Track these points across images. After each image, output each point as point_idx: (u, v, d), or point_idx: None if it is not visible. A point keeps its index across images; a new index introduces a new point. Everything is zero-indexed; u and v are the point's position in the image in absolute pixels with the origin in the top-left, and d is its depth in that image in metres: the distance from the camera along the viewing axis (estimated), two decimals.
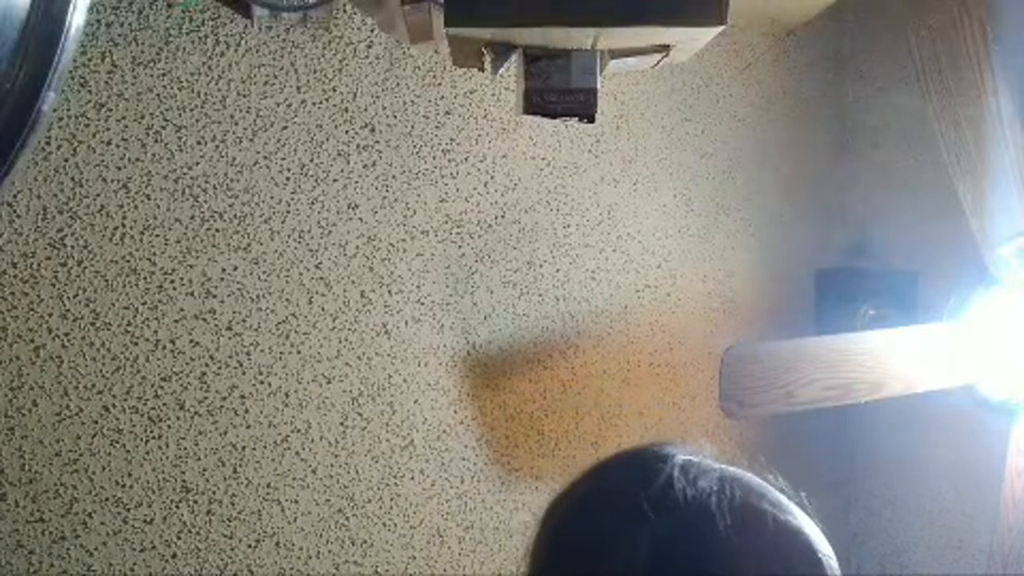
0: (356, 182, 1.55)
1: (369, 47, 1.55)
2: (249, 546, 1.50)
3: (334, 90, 1.52)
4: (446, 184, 1.62)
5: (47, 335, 1.36)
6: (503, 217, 1.67)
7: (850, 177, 1.98)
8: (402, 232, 1.59)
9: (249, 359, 1.49)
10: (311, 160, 1.51)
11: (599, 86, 1.09)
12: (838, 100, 1.99)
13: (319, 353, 1.54)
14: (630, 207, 1.79)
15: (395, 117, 1.57)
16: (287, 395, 1.52)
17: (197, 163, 1.44)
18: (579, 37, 1.04)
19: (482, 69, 1.17)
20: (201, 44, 1.43)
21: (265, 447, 1.50)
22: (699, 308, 1.87)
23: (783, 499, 0.63)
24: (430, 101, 1.60)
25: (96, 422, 1.39)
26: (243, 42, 1.45)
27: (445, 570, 1.66)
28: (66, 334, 1.37)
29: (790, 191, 1.96)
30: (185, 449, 1.45)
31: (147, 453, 1.43)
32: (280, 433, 1.51)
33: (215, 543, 1.48)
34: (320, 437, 1.54)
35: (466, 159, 1.63)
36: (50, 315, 1.36)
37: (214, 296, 1.46)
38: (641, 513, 0.58)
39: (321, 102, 1.51)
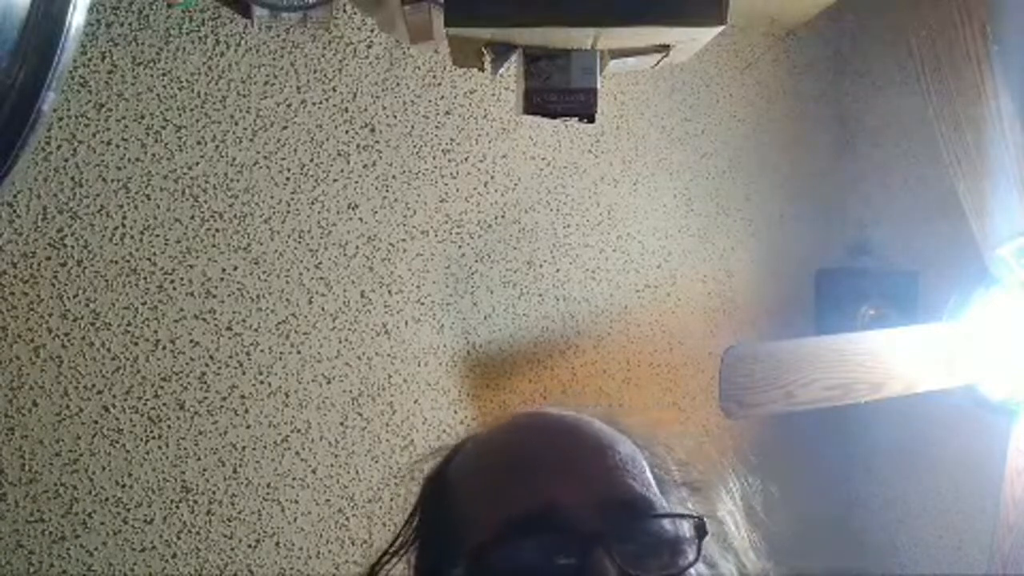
0: (356, 182, 1.55)
1: (369, 47, 1.55)
2: (249, 546, 1.50)
3: (334, 90, 1.52)
4: (446, 184, 1.62)
5: (47, 335, 1.36)
6: (503, 217, 1.67)
7: (850, 177, 1.98)
8: (402, 232, 1.59)
9: (249, 359, 1.49)
10: (311, 160, 1.51)
11: (599, 86, 1.09)
12: (838, 100, 1.99)
13: (319, 353, 1.54)
14: (630, 207, 1.79)
15: (395, 117, 1.57)
16: (287, 395, 1.52)
17: (197, 163, 1.44)
18: (579, 37, 1.04)
19: (482, 69, 1.17)
20: (201, 44, 1.42)
21: (265, 447, 1.50)
22: (699, 308, 1.87)
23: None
24: (430, 101, 1.60)
25: (96, 422, 1.39)
26: (243, 42, 1.45)
27: None
28: (66, 334, 1.37)
29: (790, 191, 1.96)
30: (185, 449, 1.45)
31: (147, 453, 1.43)
32: (280, 433, 1.51)
33: (215, 543, 1.48)
34: (320, 437, 1.54)
35: (466, 159, 1.63)
36: (50, 315, 1.36)
37: (214, 296, 1.46)
38: None
39: (321, 102, 1.51)
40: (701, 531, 0.60)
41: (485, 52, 1.10)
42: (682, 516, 0.61)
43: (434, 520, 0.67)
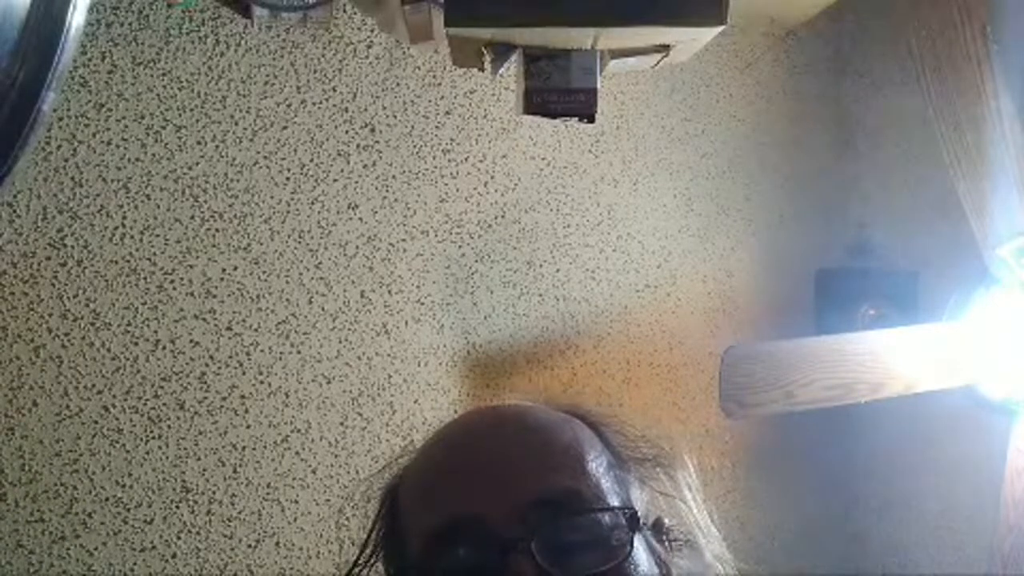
0: (356, 182, 1.55)
1: (369, 47, 1.55)
2: (249, 546, 1.50)
3: (334, 90, 1.52)
4: (446, 184, 1.62)
5: (47, 335, 1.36)
6: (503, 217, 1.67)
7: (850, 177, 1.98)
8: (402, 232, 1.59)
9: (249, 359, 1.49)
10: (311, 160, 1.51)
11: (599, 86, 1.09)
12: (838, 100, 1.99)
13: (319, 353, 1.54)
14: (630, 207, 1.79)
15: (395, 117, 1.57)
16: (287, 395, 1.52)
17: (197, 163, 1.44)
18: (579, 37, 1.04)
19: (482, 69, 1.17)
20: (201, 44, 1.42)
21: (265, 447, 1.50)
22: (699, 308, 1.87)
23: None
24: (430, 101, 1.60)
25: (96, 422, 1.39)
26: (243, 42, 1.45)
27: None
28: (66, 334, 1.37)
29: (790, 191, 1.96)
30: (185, 449, 1.45)
31: (147, 453, 1.43)
32: (280, 433, 1.51)
33: (215, 543, 1.48)
34: (320, 437, 1.54)
35: (466, 159, 1.63)
36: (50, 315, 1.36)
37: (214, 296, 1.46)
38: None
39: (321, 102, 1.51)
40: (634, 522, 0.59)
41: (485, 52, 1.10)
42: (612, 509, 0.59)
43: (389, 529, 0.68)
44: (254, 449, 1.50)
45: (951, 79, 1.34)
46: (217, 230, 1.45)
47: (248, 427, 1.49)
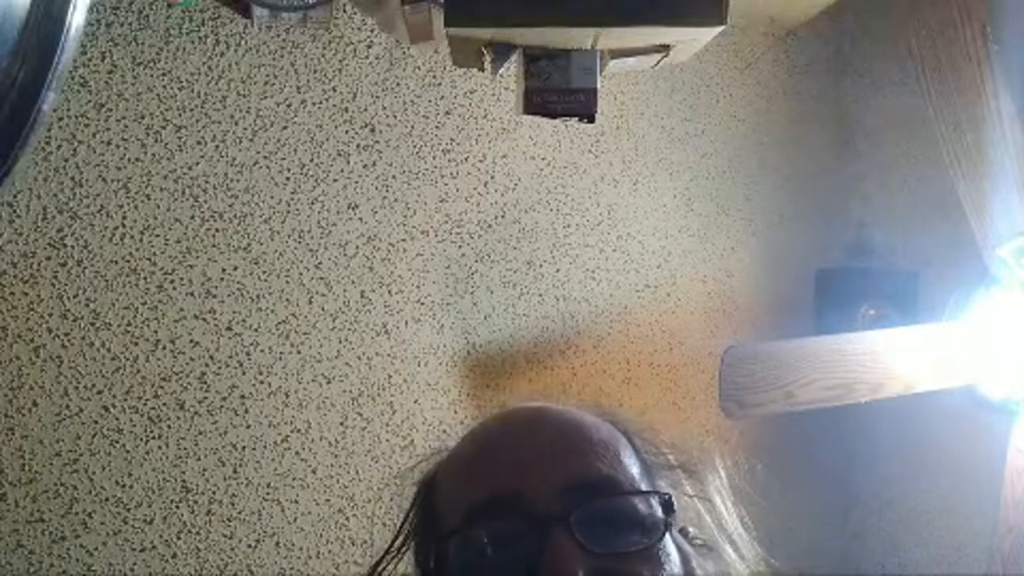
0: (356, 182, 1.55)
1: (369, 47, 1.55)
2: (249, 546, 1.50)
3: (334, 90, 1.52)
4: (446, 184, 1.62)
5: (47, 335, 1.36)
6: (503, 217, 1.67)
7: (850, 177, 1.98)
8: (402, 232, 1.59)
9: (249, 359, 1.49)
10: (311, 160, 1.51)
11: (599, 86, 1.09)
12: (838, 100, 1.99)
13: (319, 353, 1.54)
14: (630, 207, 1.79)
15: (395, 117, 1.57)
16: (287, 395, 1.52)
17: (197, 163, 1.44)
18: (579, 37, 1.04)
19: (482, 69, 1.17)
20: (201, 44, 1.43)
21: (265, 447, 1.50)
22: (699, 308, 1.87)
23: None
24: (430, 101, 1.60)
25: (96, 422, 1.39)
26: (243, 42, 1.45)
27: None
28: (66, 334, 1.37)
29: (790, 191, 1.96)
30: (185, 449, 1.45)
31: (147, 453, 1.43)
32: (280, 433, 1.51)
33: (215, 543, 1.48)
34: (320, 437, 1.54)
35: (466, 159, 1.63)
36: (50, 315, 1.36)
37: (214, 296, 1.46)
38: None
39: (321, 102, 1.51)
40: (668, 508, 0.61)
41: (485, 52, 1.10)
42: (645, 493, 0.62)
43: (424, 516, 0.69)
44: (254, 449, 1.50)
45: (951, 79, 1.34)
46: (217, 230, 1.45)
47: (248, 427, 1.49)
